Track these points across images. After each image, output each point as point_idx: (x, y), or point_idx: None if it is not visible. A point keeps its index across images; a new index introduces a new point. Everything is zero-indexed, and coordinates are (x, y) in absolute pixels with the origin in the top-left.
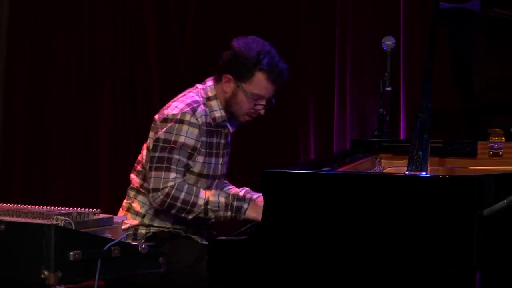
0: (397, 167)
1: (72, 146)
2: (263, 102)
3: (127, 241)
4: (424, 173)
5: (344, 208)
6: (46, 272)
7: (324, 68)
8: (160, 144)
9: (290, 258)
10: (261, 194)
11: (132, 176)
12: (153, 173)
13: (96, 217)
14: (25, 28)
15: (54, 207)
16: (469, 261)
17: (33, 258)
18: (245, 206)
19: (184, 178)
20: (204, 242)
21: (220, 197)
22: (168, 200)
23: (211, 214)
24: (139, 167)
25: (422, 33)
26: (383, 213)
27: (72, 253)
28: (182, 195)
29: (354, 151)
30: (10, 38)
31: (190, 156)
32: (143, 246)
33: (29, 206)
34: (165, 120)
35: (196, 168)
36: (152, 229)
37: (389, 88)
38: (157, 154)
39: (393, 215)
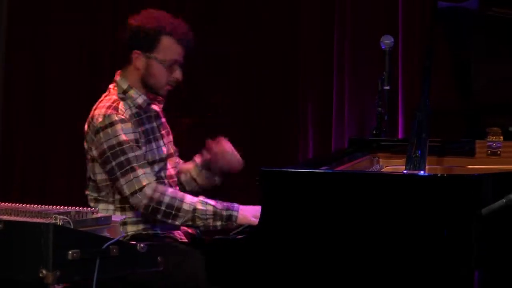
0: (395, 166)
1: (72, 146)
2: (177, 66)
3: (125, 240)
4: (422, 172)
5: (342, 207)
6: (44, 271)
7: (323, 67)
8: (108, 153)
9: (289, 257)
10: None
11: (87, 192)
12: (121, 181)
13: (95, 216)
14: (25, 27)
15: (53, 206)
16: (468, 260)
17: (31, 257)
18: (235, 213)
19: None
20: (184, 240)
21: (208, 206)
22: (152, 205)
23: (199, 222)
24: (88, 182)
25: (420, 32)
26: (381, 212)
27: (70, 252)
28: (167, 199)
29: (353, 150)
30: (10, 38)
31: (140, 148)
32: (142, 245)
33: (28, 205)
34: (97, 131)
35: (146, 159)
36: (129, 233)
37: (387, 87)
38: (113, 163)
39: (391, 214)
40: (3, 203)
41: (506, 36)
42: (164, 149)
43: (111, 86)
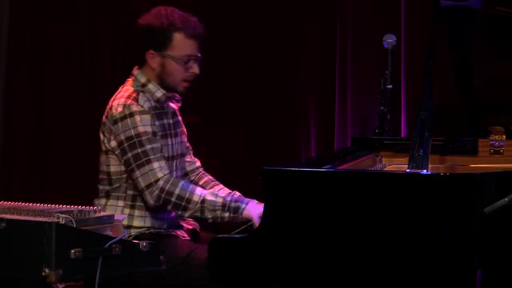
0: (398, 165)
1: (72, 145)
2: (193, 61)
3: (127, 239)
4: (425, 171)
5: (345, 206)
6: (47, 270)
7: (325, 66)
8: (126, 144)
9: (291, 256)
10: (253, 200)
11: (99, 186)
12: (137, 173)
13: (97, 215)
14: (25, 27)
15: (55, 205)
16: (470, 259)
17: (34, 256)
18: (243, 206)
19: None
20: (186, 238)
21: (217, 197)
22: (163, 195)
23: (207, 214)
24: (100, 175)
25: (423, 31)
26: (384, 211)
27: (73, 251)
28: (177, 190)
29: (355, 149)
30: (10, 38)
31: (158, 141)
32: (144, 244)
33: (30, 204)
34: (115, 121)
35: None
36: (133, 232)
37: (390, 86)
38: (129, 154)
39: (394, 213)
40: (5, 202)
41: (508, 34)
42: (175, 148)
43: (129, 79)
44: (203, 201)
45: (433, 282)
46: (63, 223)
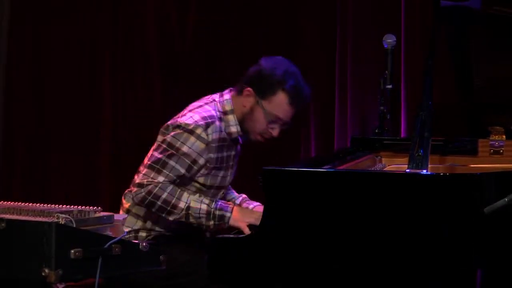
0: (398, 165)
1: (72, 145)
2: (278, 124)
3: (127, 239)
4: (424, 171)
5: (345, 206)
6: (47, 270)
7: (325, 65)
8: (164, 146)
9: (291, 256)
10: (258, 204)
11: (135, 177)
12: (145, 170)
13: (97, 215)
14: (25, 27)
15: (55, 205)
16: (470, 259)
17: (34, 256)
18: (228, 214)
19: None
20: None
21: (202, 204)
22: (149, 198)
23: (192, 220)
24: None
25: (422, 31)
26: (384, 211)
27: (73, 251)
28: (164, 195)
29: (355, 149)
30: (10, 38)
31: (189, 168)
32: (144, 244)
33: (30, 204)
34: (177, 126)
35: (200, 180)
36: (153, 233)
37: (389, 86)
38: (156, 154)
39: (394, 213)
40: (5, 202)
41: (508, 34)
42: (227, 179)
43: (216, 98)
44: (188, 207)
45: (433, 281)
46: (63, 223)
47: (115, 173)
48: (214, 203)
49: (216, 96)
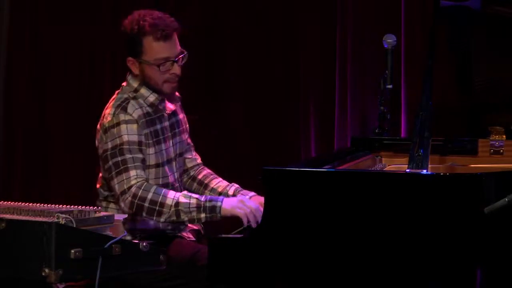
0: (398, 165)
1: (72, 145)
2: (170, 62)
3: (127, 239)
4: (425, 171)
5: (344, 206)
6: (47, 270)
7: (325, 66)
8: (109, 152)
9: (291, 256)
10: (254, 193)
11: (100, 189)
12: (115, 180)
13: (97, 215)
14: (25, 28)
15: (55, 205)
16: (470, 259)
17: (34, 256)
18: (219, 204)
19: (146, 175)
20: (192, 238)
21: (191, 199)
22: (136, 201)
23: (183, 217)
24: (101, 180)
25: (423, 31)
26: (384, 211)
27: (73, 251)
28: (150, 195)
29: (355, 149)
30: (10, 38)
31: (141, 151)
32: (144, 243)
33: (30, 204)
34: (105, 130)
35: (152, 161)
36: (137, 235)
37: (390, 86)
38: (110, 162)
39: (394, 213)
40: (5, 202)
41: (508, 35)
42: (171, 151)
43: (123, 84)
44: (177, 204)
45: (433, 281)
46: (63, 223)
47: None
48: (203, 196)
49: (123, 83)
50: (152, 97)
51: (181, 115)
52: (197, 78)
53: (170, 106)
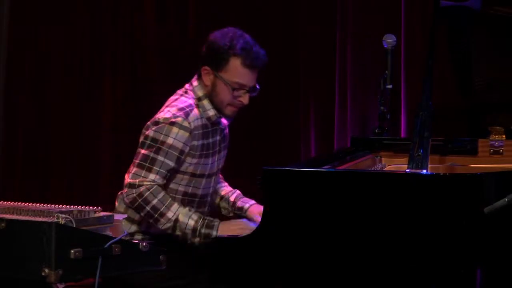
0: (398, 165)
1: (72, 145)
2: (244, 91)
3: (127, 239)
4: (424, 171)
5: (345, 206)
6: (47, 270)
7: (325, 66)
8: (148, 141)
9: (291, 256)
10: (254, 202)
11: (126, 177)
12: (134, 169)
13: (97, 215)
14: (25, 28)
15: (55, 205)
16: (469, 259)
17: (34, 256)
18: (214, 233)
19: (178, 180)
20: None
21: (190, 219)
22: (139, 201)
23: (178, 233)
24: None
25: (422, 31)
26: (384, 211)
27: (73, 251)
28: (155, 201)
29: (355, 149)
30: (10, 38)
31: (177, 160)
32: (144, 244)
33: (30, 204)
34: (156, 122)
35: (189, 169)
36: (148, 236)
37: (389, 86)
38: (143, 151)
39: (394, 213)
40: (5, 202)
41: (508, 35)
42: (215, 165)
43: (187, 87)
44: (176, 220)
45: (433, 281)
46: (63, 223)
47: (115, 173)
48: (201, 220)
49: (187, 86)
50: (211, 112)
51: (227, 131)
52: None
53: (224, 121)
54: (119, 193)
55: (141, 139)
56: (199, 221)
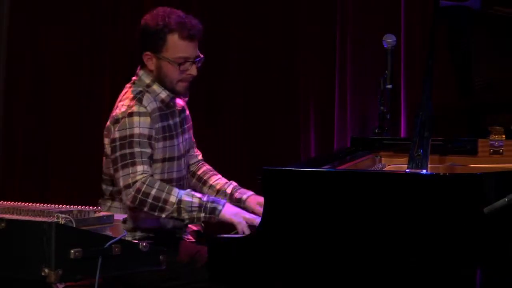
0: (398, 165)
1: (72, 145)
2: (189, 63)
3: (127, 239)
4: (424, 171)
5: (344, 206)
6: (46, 270)
7: (324, 65)
8: (117, 143)
9: (291, 256)
10: (252, 193)
11: (102, 185)
12: (120, 173)
13: (97, 215)
14: (25, 28)
15: (55, 205)
16: (470, 259)
17: (33, 256)
18: (220, 207)
19: (152, 170)
20: (192, 240)
21: (194, 198)
22: (139, 196)
23: (184, 215)
24: (103, 176)
25: (422, 31)
26: (384, 211)
27: (72, 251)
28: (154, 191)
29: (355, 149)
30: (10, 38)
31: (150, 145)
32: (144, 244)
33: (30, 204)
34: (117, 120)
35: (158, 155)
36: (137, 235)
37: (389, 86)
38: (117, 153)
39: (394, 213)
40: (5, 202)
41: (508, 34)
42: (181, 147)
43: (133, 78)
44: (180, 201)
45: (433, 281)
46: (63, 223)
47: None
48: (206, 196)
49: (134, 77)
50: (163, 94)
51: (187, 112)
52: (197, 78)
53: (180, 102)
54: (100, 200)
55: (108, 144)
56: (204, 196)
